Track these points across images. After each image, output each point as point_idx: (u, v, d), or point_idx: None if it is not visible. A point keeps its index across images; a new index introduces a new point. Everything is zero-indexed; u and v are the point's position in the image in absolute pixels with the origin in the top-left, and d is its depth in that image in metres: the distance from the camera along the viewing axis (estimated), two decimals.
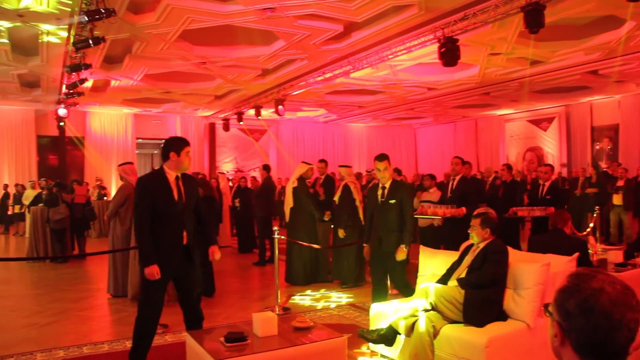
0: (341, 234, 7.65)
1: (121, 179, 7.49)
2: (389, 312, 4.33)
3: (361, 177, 13.09)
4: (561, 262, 4.16)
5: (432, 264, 4.75)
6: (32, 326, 5.79)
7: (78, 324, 5.90)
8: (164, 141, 4.22)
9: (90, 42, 8.30)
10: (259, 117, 16.84)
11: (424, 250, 4.98)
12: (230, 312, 6.30)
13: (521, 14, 7.44)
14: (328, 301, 6.81)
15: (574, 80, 14.09)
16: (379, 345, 4.34)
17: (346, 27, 9.67)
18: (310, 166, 8.22)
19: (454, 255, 4.53)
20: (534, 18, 7.20)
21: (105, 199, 15.37)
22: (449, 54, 8.67)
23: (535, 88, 15.16)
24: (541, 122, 19.56)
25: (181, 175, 4.16)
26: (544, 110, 19.22)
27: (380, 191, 5.33)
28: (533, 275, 3.95)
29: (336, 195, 7.99)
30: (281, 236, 6.48)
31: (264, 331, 3.75)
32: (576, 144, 18.44)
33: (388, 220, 5.22)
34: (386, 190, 5.29)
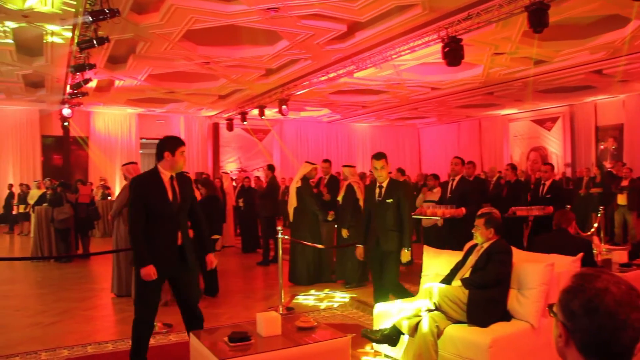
0: (345, 233, 7.64)
1: (125, 178, 7.49)
2: (392, 312, 4.33)
3: (365, 177, 13.08)
4: (565, 262, 4.15)
5: (436, 264, 4.74)
6: (37, 325, 5.81)
7: (82, 323, 5.92)
8: (158, 141, 4.14)
9: (95, 42, 8.33)
10: (263, 117, 16.85)
11: (428, 250, 4.97)
12: (234, 312, 6.31)
13: (525, 14, 7.43)
14: (331, 301, 6.81)
15: (578, 80, 14.05)
16: (383, 345, 4.34)
17: (350, 27, 9.67)
18: (314, 166, 8.22)
19: (458, 255, 4.52)
20: (538, 17, 7.19)
21: (109, 198, 15.40)
22: (453, 53, 8.66)
23: (539, 88, 15.13)
24: (545, 122, 19.52)
25: (176, 175, 4.11)
26: (548, 110, 19.17)
27: (378, 190, 5.28)
28: (537, 276, 3.94)
29: (340, 195, 7.98)
30: (285, 236, 6.48)
31: (267, 331, 3.75)
32: (580, 143, 18.39)
33: (385, 220, 5.17)
34: (383, 190, 5.24)
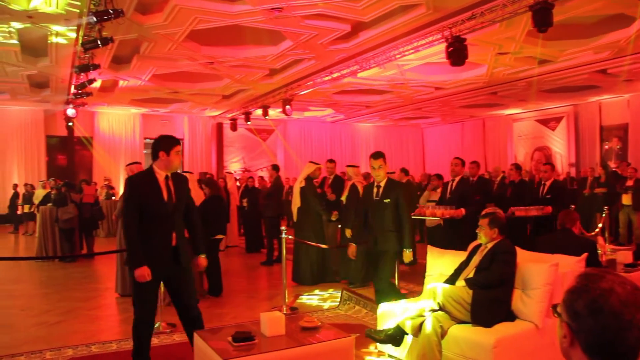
0: (348, 233, 7.64)
1: None
2: (396, 311, 4.33)
3: (369, 177, 13.05)
4: (570, 263, 4.14)
5: (440, 264, 4.74)
6: (42, 325, 5.83)
7: (86, 323, 5.94)
8: (153, 140, 4.12)
9: (99, 42, 8.35)
10: (267, 117, 16.87)
11: (432, 250, 4.96)
12: (238, 311, 6.31)
13: (529, 13, 7.41)
14: (335, 301, 6.81)
15: (582, 80, 14.00)
16: (387, 345, 4.34)
17: (353, 26, 9.66)
18: (317, 166, 8.22)
19: (462, 256, 4.52)
20: (542, 17, 7.17)
21: (114, 198, 15.45)
22: (457, 53, 8.65)
23: (543, 87, 15.08)
24: (549, 122, 19.46)
25: (171, 174, 4.06)
26: (552, 110, 19.11)
27: (375, 190, 5.24)
28: (541, 276, 3.93)
29: (343, 195, 7.98)
30: (289, 236, 6.48)
31: (271, 331, 3.75)
32: (585, 143, 18.32)
33: (383, 220, 5.14)
34: (381, 189, 5.21)
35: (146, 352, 4.05)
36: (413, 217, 7.12)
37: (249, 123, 18.30)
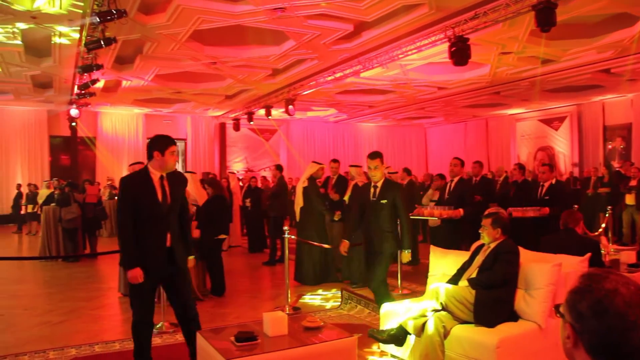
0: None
1: None
2: (399, 311, 4.33)
3: None
4: (573, 263, 4.13)
5: (443, 264, 4.73)
6: (45, 324, 5.84)
7: (90, 322, 5.95)
8: (148, 140, 4.11)
9: (102, 42, 8.37)
10: (269, 117, 16.88)
11: (435, 250, 4.96)
12: (241, 311, 6.32)
13: (532, 13, 7.40)
14: (337, 301, 6.80)
15: (585, 79, 13.97)
16: (389, 345, 4.34)
17: (356, 26, 9.66)
18: (320, 166, 8.21)
19: (465, 256, 4.51)
20: (545, 16, 7.16)
21: (117, 198, 15.45)
22: (460, 53, 8.64)
23: (546, 87, 15.05)
24: (553, 122, 19.42)
25: (167, 174, 4.00)
26: (556, 110, 19.07)
27: (372, 190, 5.19)
28: (544, 276, 3.92)
29: (347, 194, 7.98)
30: (291, 236, 6.47)
31: (274, 331, 3.76)
32: (588, 143, 18.28)
33: (379, 220, 5.09)
34: (377, 190, 5.15)
35: (147, 352, 4.04)
36: (412, 217, 7.12)
37: (251, 123, 18.31)
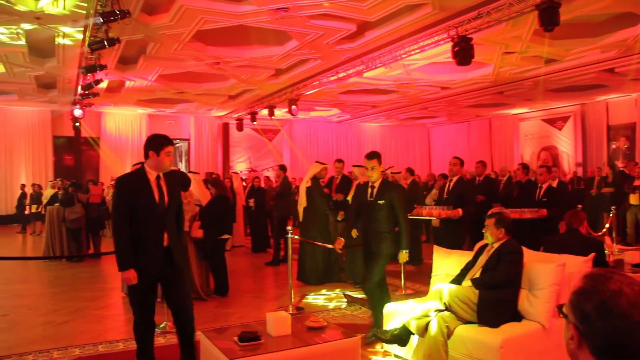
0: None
1: None
2: (402, 311, 4.32)
3: None
4: (577, 263, 4.12)
5: (446, 264, 4.73)
6: (49, 324, 5.86)
7: (93, 322, 5.96)
8: (146, 138, 4.02)
9: (105, 43, 8.39)
10: (273, 117, 16.89)
11: (438, 250, 4.95)
12: (244, 311, 6.32)
13: (536, 12, 7.39)
14: (341, 301, 6.80)
15: (589, 79, 13.94)
16: (393, 345, 4.33)
17: (359, 26, 9.66)
18: (324, 166, 8.21)
19: (468, 256, 4.51)
20: (548, 16, 7.14)
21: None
22: (463, 52, 8.63)
23: (550, 87, 15.02)
24: (556, 121, 19.38)
25: (164, 174, 3.94)
26: (559, 109, 19.04)
27: (370, 190, 5.15)
28: (548, 276, 3.91)
29: (350, 194, 7.97)
30: (295, 236, 6.48)
31: (277, 331, 3.76)
32: (592, 143, 18.24)
33: (376, 221, 5.06)
34: (375, 190, 5.11)
35: (150, 353, 4.04)
36: (410, 217, 7.11)
37: (255, 123, 18.32)
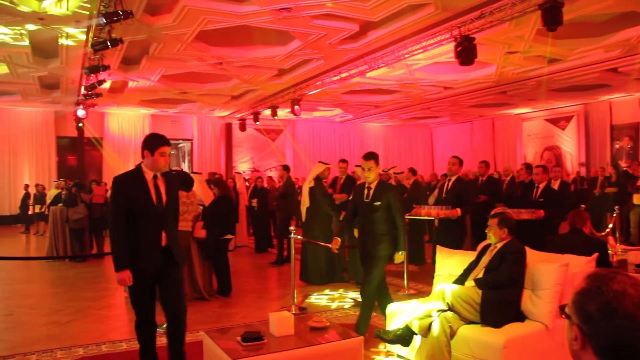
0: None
1: None
2: (405, 311, 4.32)
3: (381, 176, 13.04)
4: (580, 263, 4.11)
5: (449, 264, 4.73)
6: (52, 324, 5.87)
7: (96, 322, 5.98)
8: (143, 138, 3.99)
9: (108, 43, 8.40)
10: (275, 117, 16.89)
11: (441, 250, 4.95)
12: (247, 311, 6.33)
13: (539, 12, 7.37)
14: (344, 301, 6.80)
15: (592, 79, 13.90)
16: (395, 346, 4.33)
17: (362, 26, 9.65)
18: (327, 166, 8.21)
19: (471, 256, 4.50)
20: (552, 16, 7.13)
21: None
22: (466, 52, 8.61)
23: (553, 87, 14.99)
24: (559, 121, 19.33)
25: (161, 174, 3.91)
26: (562, 109, 18.99)
27: (366, 191, 5.11)
28: (551, 276, 3.91)
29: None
30: (297, 236, 6.48)
31: (280, 331, 3.76)
32: (595, 143, 18.18)
33: (372, 222, 5.01)
34: (371, 191, 5.06)
35: (152, 352, 4.04)
36: (409, 217, 7.11)
37: (257, 123, 18.33)
